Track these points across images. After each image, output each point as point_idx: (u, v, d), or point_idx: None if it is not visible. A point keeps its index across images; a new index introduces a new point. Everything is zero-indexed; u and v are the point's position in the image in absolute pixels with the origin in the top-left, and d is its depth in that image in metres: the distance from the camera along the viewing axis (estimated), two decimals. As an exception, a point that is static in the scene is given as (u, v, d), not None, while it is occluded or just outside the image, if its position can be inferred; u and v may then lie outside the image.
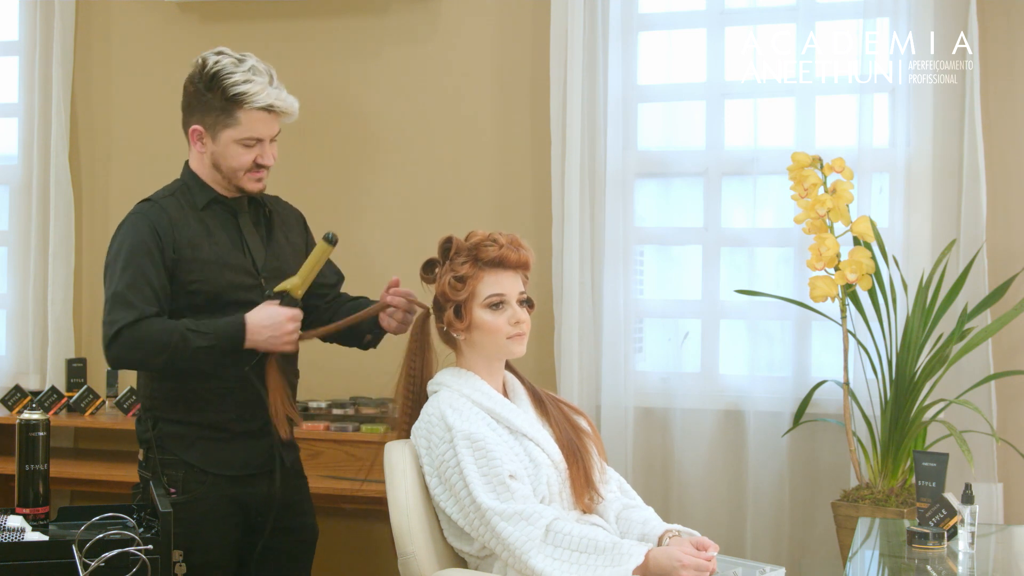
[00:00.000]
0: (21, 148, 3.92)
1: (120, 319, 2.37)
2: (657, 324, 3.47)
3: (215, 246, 2.49)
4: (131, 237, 2.45)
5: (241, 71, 2.44)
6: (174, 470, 2.46)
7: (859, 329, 3.06)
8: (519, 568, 2.12)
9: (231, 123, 2.45)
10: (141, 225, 2.45)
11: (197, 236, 2.48)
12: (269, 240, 2.60)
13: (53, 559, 1.99)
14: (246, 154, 2.48)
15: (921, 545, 2.34)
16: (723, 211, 3.38)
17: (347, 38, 3.70)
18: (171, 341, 2.37)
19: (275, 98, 2.45)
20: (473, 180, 3.60)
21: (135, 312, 2.37)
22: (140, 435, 2.54)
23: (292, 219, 2.71)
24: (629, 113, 3.42)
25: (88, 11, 3.91)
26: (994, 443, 3.04)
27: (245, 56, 2.49)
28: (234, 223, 2.55)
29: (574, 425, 2.37)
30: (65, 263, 3.86)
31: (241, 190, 2.53)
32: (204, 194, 2.53)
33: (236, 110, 2.44)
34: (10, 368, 3.94)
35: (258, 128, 2.46)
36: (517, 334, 2.30)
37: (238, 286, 2.50)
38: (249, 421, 2.50)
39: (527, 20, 3.53)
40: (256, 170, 2.51)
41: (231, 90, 2.43)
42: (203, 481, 2.46)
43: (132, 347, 2.37)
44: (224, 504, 2.48)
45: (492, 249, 2.29)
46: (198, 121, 2.50)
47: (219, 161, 2.50)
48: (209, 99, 2.46)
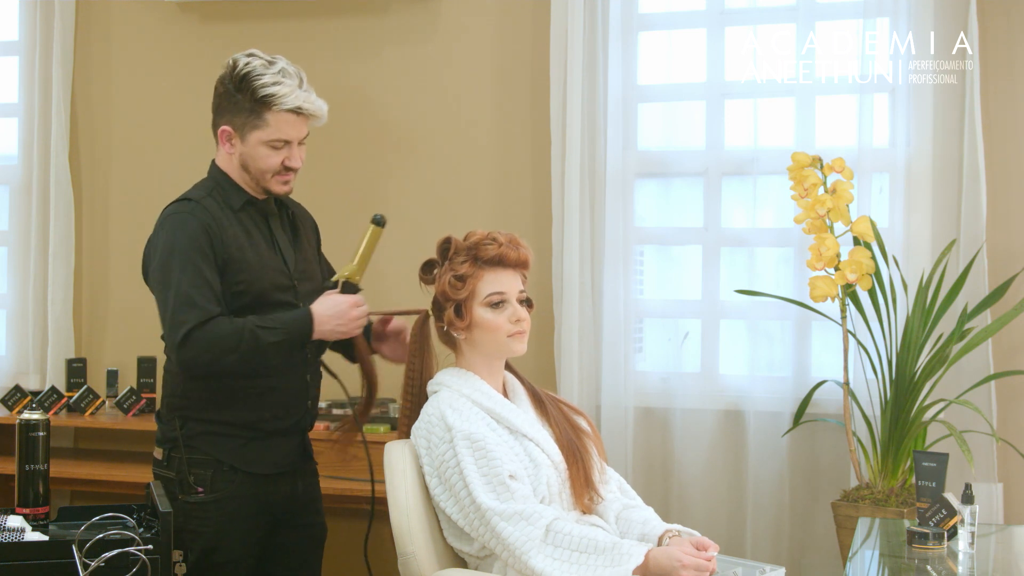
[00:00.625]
0: (21, 148, 3.92)
1: (189, 320, 2.35)
2: (657, 324, 3.47)
3: (255, 248, 2.49)
4: (183, 236, 2.41)
5: (271, 73, 2.44)
6: (202, 469, 2.45)
7: (859, 329, 3.06)
8: (519, 568, 2.12)
9: (260, 124, 2.45)
10: (191, 224, 2.42)
11: (239, 237, 2.47)
12: (296, 242, 2.61)
13: (53, 559, 1.99)
14: (274, 156, 2.48)
15: (921, 545, 2.34)
16: (723, 211, 3.38)
17: (347, 38, 3.70)
18: (242, 339, 2.35)
19: (304, 100, 2.45)
20: (473, 180, 3.60)
21: (202, 312, 2.35)
22: (165, 434, 2.52)
23: (308, 221, 2.72)
24: (629, 113, 3.42)
25: (88, 11, 3.91)
26: (994, 443, 3.04)
27: (276, 58, 2.48)
28: (266, 225, 2.55)
29: (574, 425, 2.37)
30: (65, 263, 3.86)
31: (268, 192, 2.53)
32: (239, 195, 2.52)
33: (265, 112, 2.44)
34: (10, 368, 3.94)
35: (286, 130, 2.46)
36: (518, 332, 2.31)
37: (277, 287, 2.50)
38: (282, 419, 2.51)
39: (527, 20, 3.53)
40: (284, 172, 2.50)
41: (260, 91, 2.42)
42: (232, 480, 2.46)
43: (204, 348, 2.35)
44: (251, 503, 2.48)
45: (492, 248, 2.30)
46: (227, 122, 2.49)
47: (248, 162, 2.49)
48: (239, 100, 2.45)
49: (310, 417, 2.61)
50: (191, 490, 2.43)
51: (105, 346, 3.93)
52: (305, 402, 2.57)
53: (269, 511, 2.52)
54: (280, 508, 2.54)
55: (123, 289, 3.90)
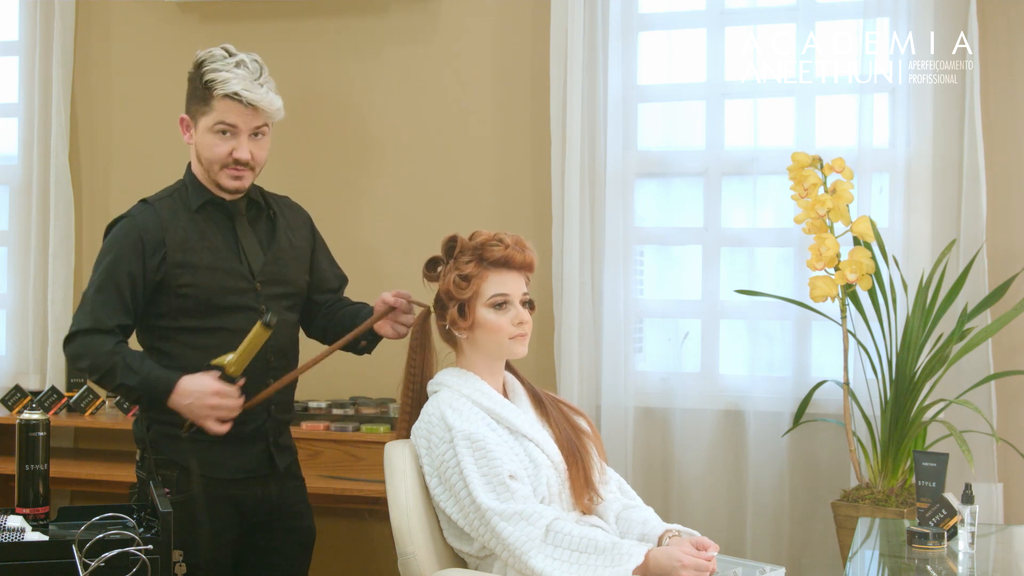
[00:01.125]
0: (21, 148, 3.92)
1: (81, 323, 2.43)
2: (657, 324, 3.47)
3: (208, 250, 2.48)
4: (116, 245, 2.46)
5: (223, 61, 2.45)
6: (168, 470, 2.46)
7: (859, 329, 3.06)
8: (519, 568, 2.12)
9: (206, 110, 2.46)
10: (130, 231, 2.46)
11: (190, 239, 2.47)
12: (271, 243, 2.58)
13: (53, 559, 1.99)
14: (221, 144, 2.46)
15: (921, 545, 2.34)
16: (723, 211, 3.38)
17: (347, 38, 3.70)
18: (104, 365, 2.40)
19: (245, 88, 2.43)
20: (473, 180, 3.60)
21: (92, 321, 2.42)
22: (136, 435, 2.54)
23: (299, 221, 2.69)
24: (629, 113, 3.42)
25: (88, 11, 3.91)
26: (994, 443, 3.04)
27: (243, 54, 2.49)
28: (229, 226, 2.54)
29: (574, 425, 2.37)
30: (65, 263, 3.86)
31: (221, 187, 2.51)
32: (199, 196, 2.52)
33: (210, 97, 2.45)
34: (10, 368, 3.94)
35: (229, 116, 2.45)
36: (519, 334, 2.31)
37: (231, 290, 2.49)
38: (241, 425, 2.48)
39: (527, 20, 3.53)
40: (234, 167, 2.48)
41: (206, 76, 2.45)
42: (195, 483, 2.46)
43: (78, 354, 2.44)
44: (219, 504, 2.48)
45: (498, 249, 2.30)
46: (186, 110, 2.53)
47: (200, 152, 2.50)
48: (194, 88, 2.49)
49: (274, 422, 2.57)
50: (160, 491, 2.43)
51: (105, 346, 3.92)
52: (267, 407, 2.54)
53: (239, 513, 2.51)
54: (252, 512, 2.53)
55: (123, 289, 3.90)
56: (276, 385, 2.50)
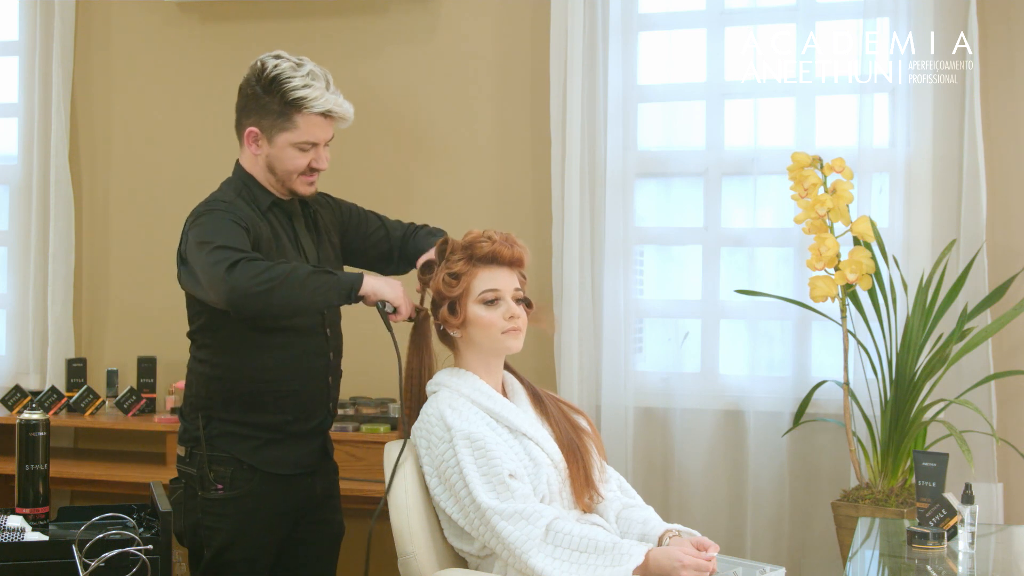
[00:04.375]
0: (21, 148, 3.93)
1: (231, 257, 2.26)
2: (657, 324, 3.47)
3: (280, 249, 2.49)
4: (223, 222, 2.37)
5: (300, 75, 2.44)
6: (223, 466, 2.46)
7: (859, 329, 3.06)
8: (519, 568, 2.12)
9: (289, 127, 2.46)
10: (228, 214, 2.40)
11: (265, 238, 2.47)
12: (319, 243, 2.61)
13: (53, 559, 1.99)
14: (301, 158, 2.48)
15: (921, 545, 2.34)
16: (723, 211, 3.38)
17: (347, 38, 3.70)
18: (286, 269, 2.28)
19: (334, 104, 2.47)
20: (473, 180, 3.60)
21: (244, 252, 2.29)
22: (187, 432, 2.53)
23: (328, 214, 2.69)
24: (629, 113, 3.42)
25: (88, 11, 3.91)
26: (994, 443, 3.04)
27: (303, 60, 2.48)
28: (291, 226, 2.56)
29: (574, 424, 2.37)
30: (65, 263, 3.86)
31: (292, 192, 2.53)
32: (265, 196, 2.52)
33: (294, 114, 2.45)
34: (10, 368, 3.94)
35: (315, 132, 2.47)
36: (512, 328, 2.30)
37: None
38: (304, 422, 2.52)
39: (527, 20, 3.54)
40: (309, 173, 2.51)
41: (291, 94, 2.43)
42: (251, 479, 2.47)
43: (252, 275, 2.24)
44: (269, 502, 2.49)
45: (486, 245, 2.31)
46: (254, 123, 2.49)
47: (274, 164, 2.49)
48: (267, 102, 2.45)
49: (331, 419, 2.61)
50: (211, 487, 2.44)
51: (105, 346, 3.93)
52: (327, 404, 2.58)
53: (288, 510, 2.53)
54: (299, 507, 2.55)
55: (123, 289, 3.90)
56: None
